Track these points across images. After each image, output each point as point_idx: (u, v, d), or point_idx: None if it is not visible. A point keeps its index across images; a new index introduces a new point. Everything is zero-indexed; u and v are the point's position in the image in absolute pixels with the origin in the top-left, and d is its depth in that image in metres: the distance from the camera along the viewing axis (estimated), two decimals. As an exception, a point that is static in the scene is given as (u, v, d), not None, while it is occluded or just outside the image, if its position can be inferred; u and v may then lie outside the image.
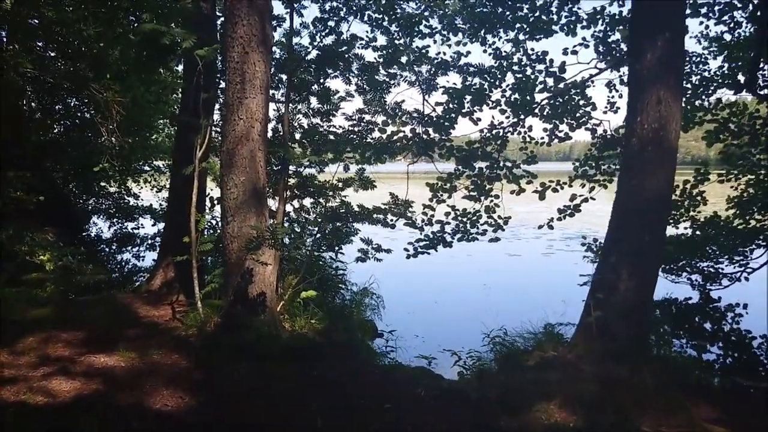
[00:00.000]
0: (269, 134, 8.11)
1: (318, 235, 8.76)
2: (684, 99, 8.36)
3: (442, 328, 9.48)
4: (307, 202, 9.42)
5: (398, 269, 11.29)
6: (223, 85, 6.91)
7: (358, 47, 8.97)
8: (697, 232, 10.21)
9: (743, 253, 10.39)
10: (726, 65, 9.74)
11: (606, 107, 9.70)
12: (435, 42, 9.54)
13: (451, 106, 9.06)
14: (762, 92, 8.39)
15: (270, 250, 6.70)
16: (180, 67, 10.62)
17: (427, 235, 9.50)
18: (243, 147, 6.57)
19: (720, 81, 9.74)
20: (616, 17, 8.96)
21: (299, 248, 8.82)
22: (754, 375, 7.73)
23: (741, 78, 8.99)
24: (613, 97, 9.71)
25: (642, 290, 5.90)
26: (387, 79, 9.22)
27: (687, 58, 9.36)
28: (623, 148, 6.39)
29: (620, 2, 9.06)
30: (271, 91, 8.67)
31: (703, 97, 9.70)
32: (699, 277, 10.97)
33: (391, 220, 9.00)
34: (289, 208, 8.98)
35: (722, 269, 10.70)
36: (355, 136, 9.35)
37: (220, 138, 7.11)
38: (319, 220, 8.79)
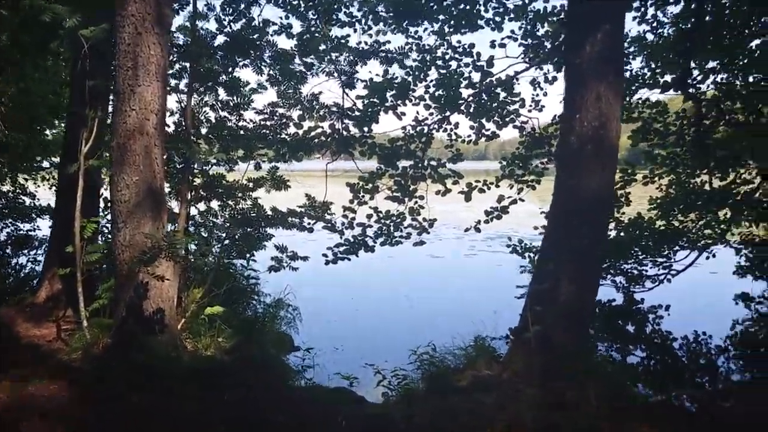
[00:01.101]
0: (171, 128, 7.29)
1: (227, 242, 7.91)
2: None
3: (364, 341, 8.83)
4: (215, 204, 8.50)
5: (316, 277, 10.57)
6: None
7: (272, 33, 8.20)
8: (621, 234, 10.02)
9: (667, 255, 10.30)
10: (652, 64, 9.54)
11: (531, 105, 9.33)
12: (355, 31, 8.88)
13: (372, 99, 8.44)
14: (691, 91, 8.17)
15: (167, 262, 5.86)
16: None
17: (347, 239, 8.85)
18: (136, 142, 5.71)
19: (642, 81, 9.56)
20: (541, 13, 8.57)
21: (205, 256, 7.94)
22: (687, 383, 7.53)
23: (667, 77, 8.77)
24: (537, 95, 9.35)
25: (584, 297, 5.47)
26: (303, 69, 8.48)
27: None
28: (560, 147, 5.93)
29: (545, -2, 8.75)
30: (174, 81, 7.80)
31: (627, 97, 9.48)
32: (623, 279, 10.82)
33: (309, 224, 8.29)
34: (193, 211, 8.11)
35: (646, 271, 10.59)
36: (268, 132, 8.54)
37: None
38: (228, 224, 7.96)
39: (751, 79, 8.83)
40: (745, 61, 8.90)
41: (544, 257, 5.77)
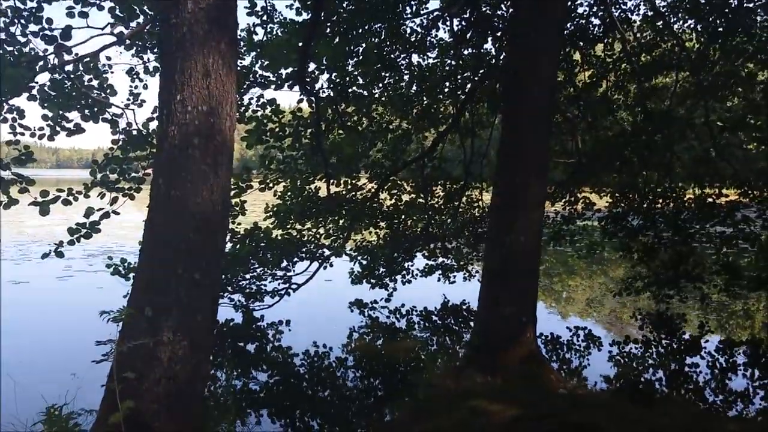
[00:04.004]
0: None
1: None
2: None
3: None
4: None
5: None
6: None
7: None
8: (237, 246, 9.02)
9: (287, 268, 9.65)
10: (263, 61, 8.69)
11: (129, 99, 7.67)
12: None
13: None
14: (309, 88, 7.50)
15: None
16: None
17: None
18: None
19: (254, 78, 8.69)
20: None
21: None
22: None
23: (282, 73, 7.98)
24: (137, 87, 7.76)
25: (198, 357, 3.99)
26: None
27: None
28: (158, 142, 4.36)
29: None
30: None
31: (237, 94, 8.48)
32: (241, 297, 9.88)
33: None
34: None
35: (265, 286, 9.80)
36: None
37: None
38: None
39: (361, 81, 8.70)
40: (356, 62, 8.75)
41: (136, 299, 4.11)
